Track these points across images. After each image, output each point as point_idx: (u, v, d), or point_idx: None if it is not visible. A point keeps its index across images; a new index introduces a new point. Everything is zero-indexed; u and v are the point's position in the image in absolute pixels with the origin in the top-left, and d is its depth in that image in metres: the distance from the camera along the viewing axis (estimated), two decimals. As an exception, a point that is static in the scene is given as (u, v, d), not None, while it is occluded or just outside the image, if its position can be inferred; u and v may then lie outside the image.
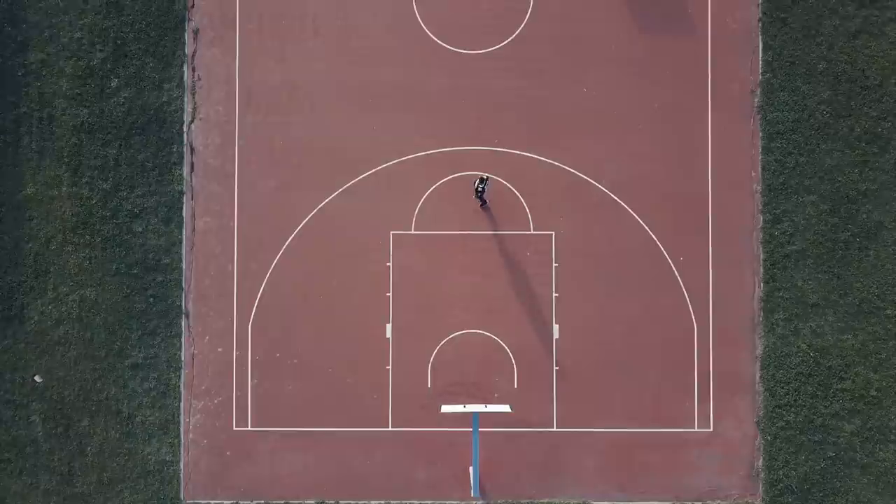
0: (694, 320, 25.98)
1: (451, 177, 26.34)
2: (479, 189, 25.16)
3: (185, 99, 26.54)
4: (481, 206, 25.94)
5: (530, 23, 26.59)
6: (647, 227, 26.19)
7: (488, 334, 25.99)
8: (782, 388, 25.68)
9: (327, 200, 26.32)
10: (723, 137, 26.31)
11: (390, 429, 25.82)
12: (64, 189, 26.37)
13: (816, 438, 25.56)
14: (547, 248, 26.14)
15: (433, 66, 26.56)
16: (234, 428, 25.94)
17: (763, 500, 25.54)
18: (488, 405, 21.75)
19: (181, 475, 25.82)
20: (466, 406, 21.61)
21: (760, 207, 26.13)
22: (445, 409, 21.75)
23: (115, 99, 26.44)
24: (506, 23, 26.58)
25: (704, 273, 26.07)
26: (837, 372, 25.73)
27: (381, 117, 26.46)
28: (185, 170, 26.45)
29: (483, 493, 25.43)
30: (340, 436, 25.80)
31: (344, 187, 26.36)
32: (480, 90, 26.46)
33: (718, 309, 25.99)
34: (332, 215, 26.29)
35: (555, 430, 25.78)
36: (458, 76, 26.52)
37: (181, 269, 26.23)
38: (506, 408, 21.82)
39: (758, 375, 25.83)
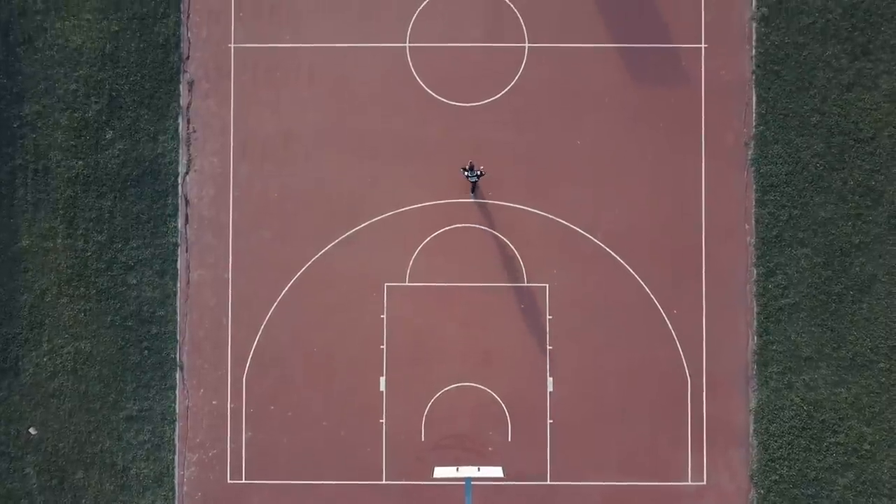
0: (688, 373, 26.02)
1: (445, 229, 26.39)
2: (468, 175, 25.20)
3: (180, 151, 26.61)
4: (472, 187, 26.05)
5: (524, 75, 26.65)
6: (640, 280, 26.23)
7: (482, 387, 26.04)
8: (776, 441, 25.70)
9: (322, 252, 26.37)
10: (717, 190, 26.37)
11: (384, 482, 25.86)
12: (59, 241, 26.42)
13: (810, 492, 25.59)
14: (541, 300, 26.19)
15: (427, 117, 26.63)
16: (229, 481, 25.99)
17: (756, 553, 25.62)
18: (481, 468, 21.79)
19: (175, 528, 25.92)
20: (459, 469, 21.64)
21: (754, 260, 26.18)
22: (438, 472, 21.80)
23: (110, 151, 26.51)
24: (500, 75, 26.64)
25: (698, 325, 26.12)
26: (831, 425, 25.77)
27: (375, 169, 26.53)
28: (180, 221, 26.51)
29: (477, 546, 25.51)
30: (334, 489, 25.84)
31: (338, 239, 26.41)
32: (475, 142, 26.52)
33: (712, 362, 26.04)
34: (327, 267, 26.34)
35: (548, 483, 25.81)
36: (453, 128, 26.59)
37: (176, 321, 26.28)
38: (498, 471, 21.86)
39: (751, 428, 25.86)
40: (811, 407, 25.78)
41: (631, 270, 26.26)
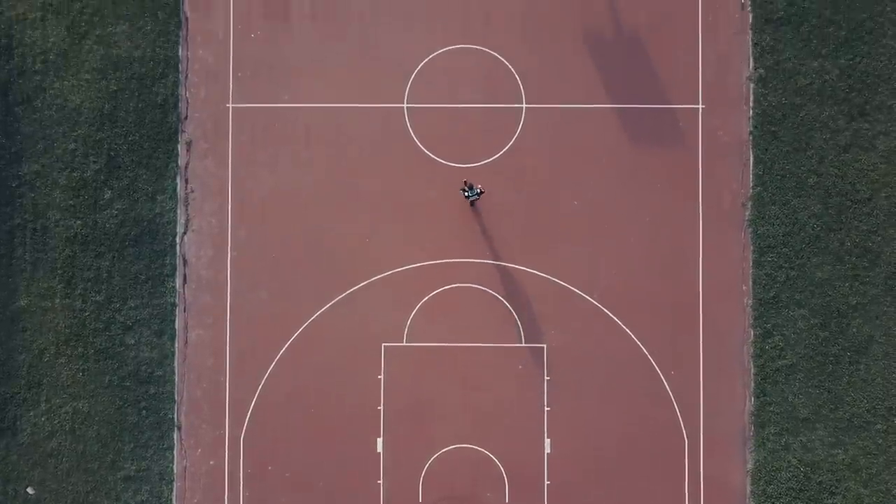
0: (685, 433, 26.03)
1: (443, 289, 26.43)
2: (468, 195, 25.31)
3: (178, 210, 26.67)
4: (471, 204, 26.22)
5: (522, 136, 26.71)
6: (637, 340, 26.26)
7: (480, 448, 26.06)
8: (773, 502, 25.70)
9: (320, 312, 26.42)
10: (714, 251, 26.40)
11: (381, 544, 25.94)
12: (57, 301, 26.48)
13: (807, 555, 25.64)
14: (539, 361, 26.22)
15: (425, 178, 26.69)
16: (226, 542, 26.07)
17: None
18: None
19: (173, 589, 25.94)
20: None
21: (751, 321, 26.20)
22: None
23: (109, 211, 26.57)
24: (498, 136, 26.70)
25: (695, 387, 26.14)
26: (828, 487, 25.77)
27: (373, 229, 26.58)
28: (178, 281, 26.56)
29: None
30: (332, 550, 25.92)
31: (336, 299, 26.46)
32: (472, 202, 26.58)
33: (709, 422, 26.04)
34: (325, 327, 26.39)
35: (546, 544, 25.87)
36: (450, 188, 26.62)
37: (174, 381, 26.33)
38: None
39: (748, 490, 25.87)
40: (808, 468, 25.79)
41: (628, 331, 26.29)
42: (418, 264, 26.52)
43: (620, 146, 26.68)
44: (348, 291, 26.47)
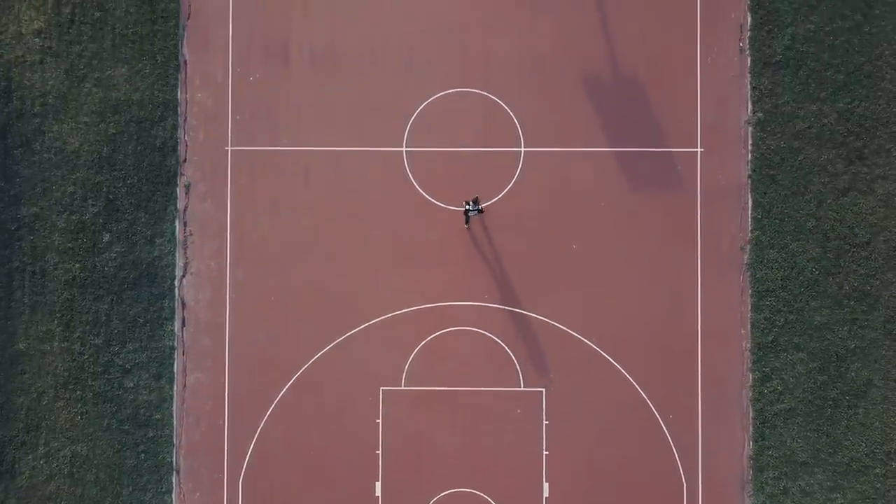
0: (683, 477, 26.03)
1: (441, 332, 26.44)
2: (469, 209, 25.45)
3: (177, 253, 26.68)
4: (466, 220, 26.31)
5: (520, 179, 26.73)
6: (636, 384, 26.26)
7: (478, 493, 26.05)
8: (771, 547, 25.76)
9: (318, 356, 26.42)
10: (712, 294, 26.41)
11: (380, 589, 25.93)
12: (56, 344, 26.48)
13: None
14: (537, 405, 26.22)
15: (424, 221, 26.70)
16: (224, 586, 26.06)
17: None
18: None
19: None
20: None
21: (750, 365, 26.21)
22: None
23: (108, 254, 26.58)
24: (496, 179, 26.72)
25: (694, 431, 26.14)
26: (827, 531, 25.81)
27: (371, 272, 26.59)
28: (177, 325, 26.57)
29: None
30: None
31: (335, 342, 26.46)
32: (470, 246, 26.58)
33: (708, 466, 26.04)
34: (323, 370, 26.39)
35: (544, 589, 25.87)
36: (448, 232, 26.64)
37: (172, 424, 26.32)
38: None
39: (747, 534, 25.92)
40: (807, 513, 25.85)
41: (627, 375, 26.29)
42: (417, 307, 26.53)
43: (619, 189, 26.69)
44: (347, 334, 26.48)
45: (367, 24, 27.07)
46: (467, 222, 26.35)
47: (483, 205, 26.62)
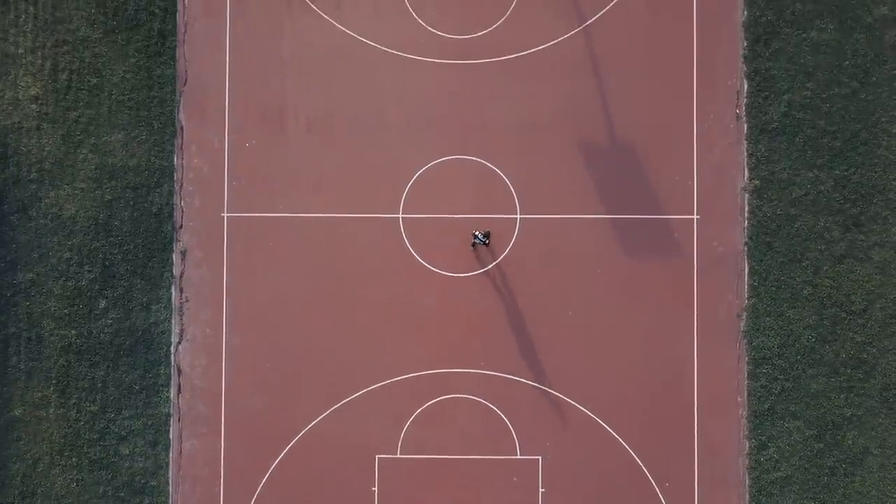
0: (680, 546, 26.03)
1: (437, 399, 26.41)
2: (478, 240, 25.58)
3: (173, 320, 26.66)
4: (473, 245, 26.38)
5: (516, 246, 26.71)
6: (632, 452, 26.23)
7: (474, 561, 26.05)
8: None
9: (314, 423, 26.39)
10: (709, 362, 26.39)
11: None
12: (52, 410, 26.45)
13: None
14: (534, 473, 26.18)
15: (420, 288, 26.68)
16: None
17: None
18: None
19: None
20: None
21: (746, 433, 26.18)
22: None
23: (103, 320, 26.56)
24: (492, 246, 26.70)
25: (690, 498, 26.09)
26: None
27: (367, 339, 26.56)
28: (172, 391, 26.54)
29: None
30: None
31: (330, 409, 26.44)
32: (466, 312, 26.57)
33: (704, 534, 26.07)
34: (319, 437, 26.35)
35: None
36: (445, 298, 26.64)
37: (168, 492, 26.28)
38: None
39: None
40: (803, 582, 25.80)
41: (623, 442, 26.26)
42: (413, 374, 26.51)
43: (615, 256, 26.68)
44: (342, 402, 26.46)
45: (364, 91, 27.08)
46: (473, 246, 26.33)
47: (480, 271, 26.59)
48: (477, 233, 25.74)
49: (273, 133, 27.02)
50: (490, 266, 26.76)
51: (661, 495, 26.10)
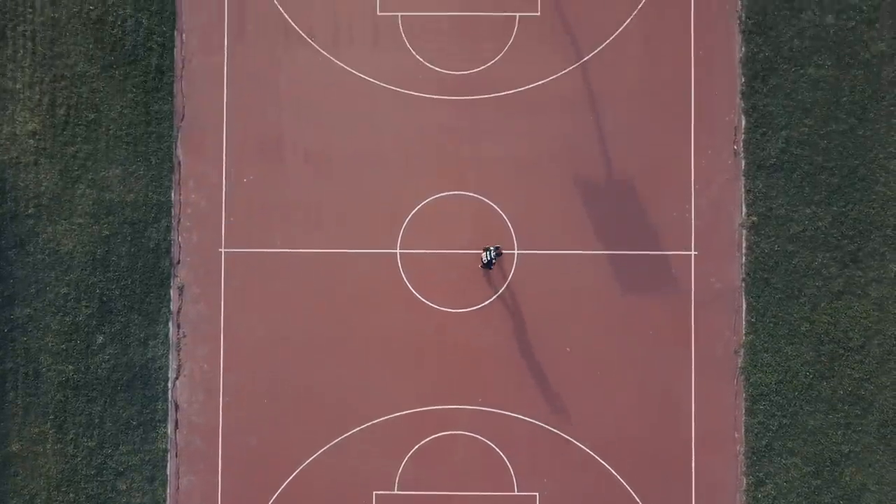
0: (677, 582, 26.00)
1: (434, 436, 26.39)
2: (488, 258, 25.27)
3: (170, 356, 26.65)
4: (483, 266, 25.96)
5: (514, 281, 26.71)
6: (630, 489, 26.21)
7: None
8: None
9: (311, 459, 26.37)
10: (706, 398, 26.37)
11: None
12: (49, 446, 26.44)
13: None
14: (530, 509, 26.21)
15: (417, 323, 26.67)
16: None
17: None
18: None
19: None
20: None
21: (744, 469, 26.16)
22: None
23: (101, 356, 26.56)
24: (490, 281, 26.69)
25: (688, 535, 26.12)
26: None
27: (365, 375, 26.55)
28: (170, 427, 26.52)
29: None
30: None
31: (328, 445, 26.42)
32: (464, 348, 26.56)
33: (702, 571, 26.04)
34: (317, 474, 26.33)
35: None
36: (442, 334, 26.62)
37: (165, 528, 26.30)
38: None
39: None
40: None
41: (620, 479, 26.24)
42: (410, 411, 26.49)
43: (612, 292, 26.67)
44: (339, 438, 26.44)
45: (362, 127, 27.09)
46: (483, 266, 25.91)
47: (477, 306, 26.59)
48: (489, 248, 25.52)
49: (271, 168, 27.02)
50: (488, 302, 26.75)
51: (658, 532, 26.11)
